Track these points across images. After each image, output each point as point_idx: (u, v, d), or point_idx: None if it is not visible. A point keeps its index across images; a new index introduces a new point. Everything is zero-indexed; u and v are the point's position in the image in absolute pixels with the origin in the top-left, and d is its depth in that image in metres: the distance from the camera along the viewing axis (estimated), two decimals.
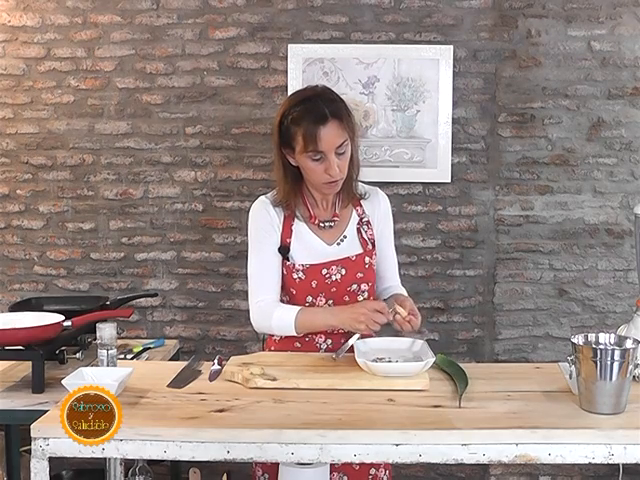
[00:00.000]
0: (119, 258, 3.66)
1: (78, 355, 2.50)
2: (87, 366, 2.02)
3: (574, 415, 1.73)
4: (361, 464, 2.11)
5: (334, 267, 2.26)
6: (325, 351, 2.28)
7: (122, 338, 3.04)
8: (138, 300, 3.31)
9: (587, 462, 1.63)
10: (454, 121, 3.54)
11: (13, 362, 2.54)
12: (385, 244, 2.40)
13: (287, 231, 2.28)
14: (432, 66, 3.51)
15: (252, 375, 1.94)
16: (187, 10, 3.56)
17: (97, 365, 2.01)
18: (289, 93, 3.52)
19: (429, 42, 3.53)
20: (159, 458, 1.66)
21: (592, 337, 1.83)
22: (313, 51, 3.53)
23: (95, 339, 2.07)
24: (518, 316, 3.62)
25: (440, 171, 3.56)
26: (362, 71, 3.52)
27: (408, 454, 1.62)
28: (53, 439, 1.65)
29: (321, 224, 2.29)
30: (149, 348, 3.05)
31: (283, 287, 2.30)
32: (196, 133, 3.60)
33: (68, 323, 2.40)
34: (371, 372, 1.96)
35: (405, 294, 2.38)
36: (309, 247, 2.28)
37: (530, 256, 3.60)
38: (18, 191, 3.65)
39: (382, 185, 3.54)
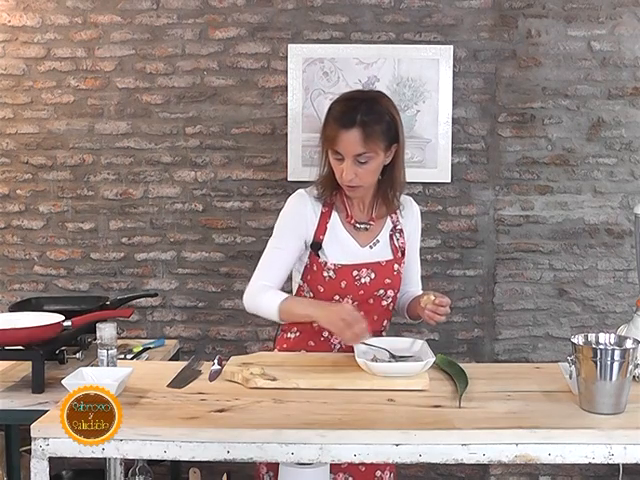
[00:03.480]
0: (119, 258, 3.66)
1: (78, 355, 2.50)
2: (87, 366, 2.02)
3: (574, 415, 1.73)
4: (367, 465, 2.11)
5: (364, 270, 2.26)
6: (338, 351, 2.28)
7: (122, 338, 3.04)
8: (138, 300, 3.31)
9: (587, 462, 1.63)
10: (454, 121, 3.54)
11: (13, 362, 2.55)
12: (412, 251, 2.42)
13: (322, 227, 2.28)
14: (432, 66, 3.51)
15: (252, 375, 1.94)
16: (187, 10, 3.56)
17: (97, 365, 2.02)
18: (289, 93, 3.53)
19: (429, 42, 3.53)
20: (159, 458, 1.66)
21: (592, 337, 1.84)
22: (313, 51, 3.53)
23: (95, 339, 2.07)
24: (518, 316, 3.62)
25: (440, 171, 3.56)
26: (362, 71, 3.52)
27: (408, 454, 1.63)
28: (53, 439, 1.65)
29: (357, 225, 2.30)
30: (149, 348, 3.05)
31: (310, 284, 2.29)
32: (196, 133, 3.60)
33: (68, 323, 2.41)
34: (371, 372, 1.96)
35: None
36: (343, 246, 2.28)
37: (530, 256, 3.60)
38: (18, 191, 3.65)
39: None
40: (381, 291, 2.29)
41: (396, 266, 2.31)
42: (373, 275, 2.27)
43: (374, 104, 2.20)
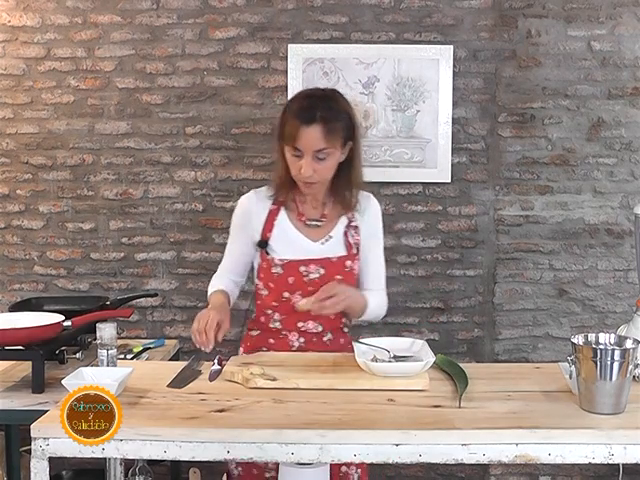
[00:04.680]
0: (119, 258, 3.66)
1: (78, 355, 2.50)
2: (87, 366, 2.02)
3: (574, 415, 1.73)
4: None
5: (313, 266, 2.26)
6: (297, 349, 2.29)
7: (122, 338, 3.03)
8: (138, 300, 3.31)
9: (587, 462, 1.63)
10: (454, 121, 3.54)
11: (13, 362, 2.55)
12: (371, 249, 2.38)
13: (269, 225, 2.31)
14: (432, 66, 3.51)
15: (252, 375, 1.94)
16: (187, 10, 3.56)
17: (97, 365, 2.02)
18: (289, 93, 3.52)
19: (429, 42, 3.53)
20: (159, 458, 1.66)
21: (592, 337, 1.83)
22: (313, 51, 3.53)
23: (95, 339, 2.07)
24: (518, 316, 3.62)
25: (440, 171, 3.56)
26: (362, 71, 3.52)
27: (408, 454, 1.63)
28: (53, 439, 1.65)
29: (308, 222, 2.31)
30: (149, 348, 3.05)
31: (264, 281, 2.33)
32: (196, 133, 3.60)
33: (68, 323, 2.40)
34: (371, 372, 1.96)
35: (381, 299, 2.39)
36: (292, 243, 2.30)
37: (530, 256, 3.60)
38: (18, 191, 3.65)
39: (382, 185, 3.58)
40: None
41: (348, 263, 2.30)
42: (323, 271, 2.26)
43: (331, 101, 2.23)
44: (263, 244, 2.30)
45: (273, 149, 2.36)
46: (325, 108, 2.18)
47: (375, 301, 2.34)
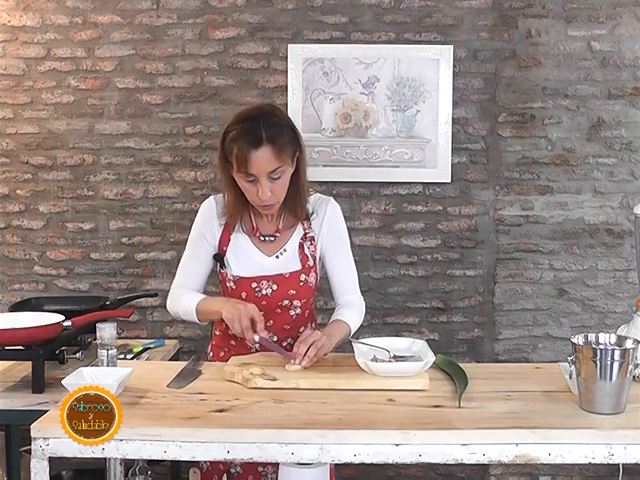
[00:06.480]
0: (119, 258, 3.66)
1: (78, 355, 2.50)
2: (87, 366, 2.02)
3: (574, 415, 1.73)
4: None
5: (265, 282, 2.25)
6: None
7: (122, 338, 3.04)
8: (138, 300, 3.31)
9: (587, 462, 1.63)
10: (454, 121, 3.54)
11: (13, 362, 2.55)
12: (335, 257, 2.35)
13: (225, 239, 2.29)
14: (432, 66, 3.51)
15: (252, 375, 1.94)
16: (187, 10, 3.56)
17: (97, 365, 2.02)
18: (289, 93, 3.53)
19: (429, 42, 3.53)
20: (159, 458, 1.66)
21: (592, 337, 1.83)
22: (313, 51, 3.53)
23: (95, 339, 2.07)
24: (518, 316, 3.62)
25: (440, 171, 3.56)
26: (362, 71, 3.52)
27: (408, 454, 1.63)
28: (53, 439, 1.65)
29: (261, 237, 2.29)
30: (149, 348, 3.05)
31: (222, 290, 2.33)
32: (196, 133, 3.60)
33: (68, 323, 2.41)
34: (371, 372, 1.96)
35: (358, 310, 2.34)
36: (246, 258, 2.28)
37: (530, 256, 3.60)
38: (18, 191, 3.65)
39: (382, 185, 3.59)
40: (286, 302, 2.27)
41: (303, 276, 2.28)
42: (275, 287, 2.25)
43: (273, 117, 2.18)
44: (219, 258, 2.29)
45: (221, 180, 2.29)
46: (269, 126, 2.12)
47: (354, 317, 2.30)
